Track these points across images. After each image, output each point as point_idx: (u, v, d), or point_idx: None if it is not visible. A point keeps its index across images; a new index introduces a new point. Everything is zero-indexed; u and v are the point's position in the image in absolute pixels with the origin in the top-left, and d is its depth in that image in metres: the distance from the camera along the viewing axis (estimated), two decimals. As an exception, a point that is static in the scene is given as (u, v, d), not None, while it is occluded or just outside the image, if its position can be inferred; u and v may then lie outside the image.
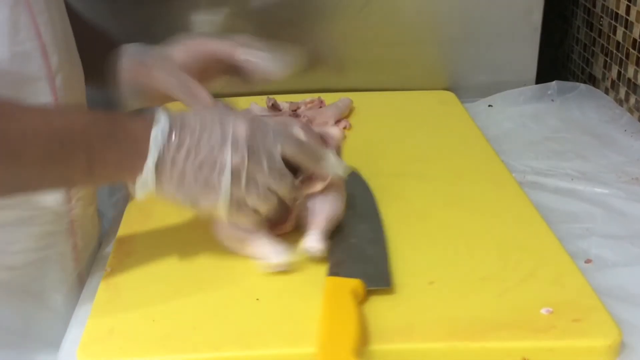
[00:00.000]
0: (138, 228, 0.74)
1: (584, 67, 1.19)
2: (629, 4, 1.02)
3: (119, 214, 0.79)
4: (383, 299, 0.61)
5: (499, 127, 1.02)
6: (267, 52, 0.76)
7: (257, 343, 0.57)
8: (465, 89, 1.11)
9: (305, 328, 0.58)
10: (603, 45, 1.11)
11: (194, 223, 0.73)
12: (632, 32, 1.02)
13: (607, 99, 1.07)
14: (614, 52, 1.08)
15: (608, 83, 1.10)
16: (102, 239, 0.77)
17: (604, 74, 1.11)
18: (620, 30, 1.05)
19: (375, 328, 0.58)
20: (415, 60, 1.11)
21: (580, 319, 0.58)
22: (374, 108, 1.04)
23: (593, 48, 1.15)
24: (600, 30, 1.12)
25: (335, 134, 0.77)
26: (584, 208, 0.80)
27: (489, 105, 1.09)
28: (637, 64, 1.01)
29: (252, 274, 0.66)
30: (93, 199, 0.75)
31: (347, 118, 1.00)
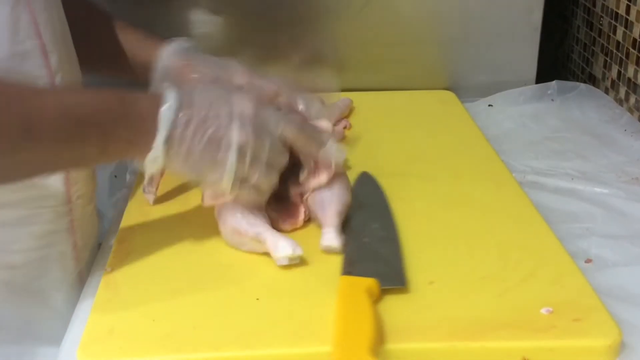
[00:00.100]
0: (138, 228, 0.74)
1: (584, 66, 1.19)
2: (629, 4, 1.02)
3: (119, 214, 0.79)
4: (383, 299, 0.61)
5: (499, 127, 1.02)
6: (319, 104, 0.78)
7: (257, 343, 0.57)
8: (466, 89, 1.11)
9: (306, 328, 0.58)
10: (603, 45, 1.11)
11: (194, 223, 0.73)
12: (632, 31, 1.02)
13: (607, 99, 1.07)
14: (614, 51, 1.08)
15: (608, 83, 1.10)
16: (102, 239, 0.77)
17: (604, 74, 1.11)
18: (621, 30, 1.05)
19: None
20: (415, 60, 1.11)
21: (581, 319, 0.58)
22: (374, 108, 1.04)
23: (593, 48, 1.15)
24: (601, 30, 1.12)
25: (325, 127, 0.77)
26: (584, 208, 0.80)
27: (489, 105, 1.09)
28: (637, 64, 1.01)
29: (252, 274, 0.66)
30: (92, 198, 0.75)
31: (347, 118, 1.00)
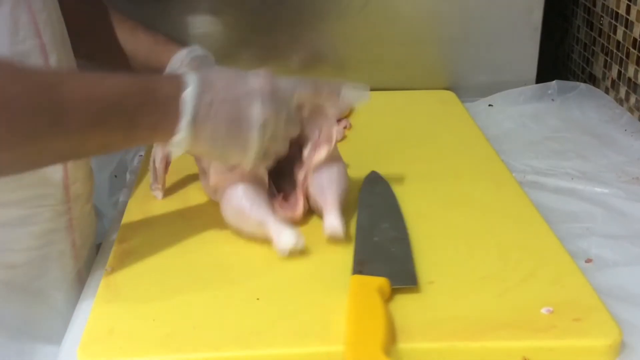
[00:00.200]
0: (138, 228, 0.74)
1: (584, 66, 1.19)
2: (629, 4, 1.02)
3: (119, 214, 0.79)
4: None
5: (499, 126, 1.02)
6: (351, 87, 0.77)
7: (257, 343, 0.57)
8: (466, 89, 1.11)
9: (306, 328, 0.58)
10: (603, 45, 1.11)
11: (194, 223, 0.73)
12: (632, 31, 1.02)
13: (607, 99, 1.07)
14: (614, 51, 1.07)
15: (608, 82, 1.10)
16: (102, 239, 0.77)
17: (604, 74, 1.11)
18: (621, 30, 1.05)
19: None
20: (416, 60, 1.11)
21: (581, 319, 0.58)
22: (375, 108, 1.03)
23: (593, 47, 1.15)
24: (601, 30, 1.12)
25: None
26: (584, 208, 0.80)
27: (489, 105, 1.09)
28: (637, 64, 1.01)
29: (252, 274, 0.66)
30: (90, 197, 0.75)
31: (347, 118, 1.00)
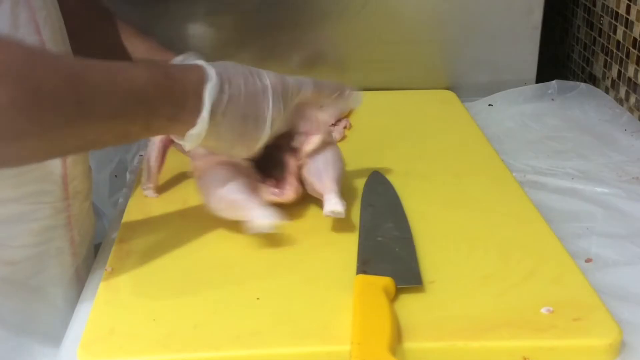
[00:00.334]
0: (138, 228, 0.74)
1: (584, 66, 1.19)
2: (629, 3, 1.02)
3: (119, 214, 0.79)
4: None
5: (499, 126, 1.02)
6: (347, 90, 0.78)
7: (257, 343, 0.57)
8: (466, 89, 1.11)
9: (306, 328, 0.58)
10: (603, 45, 1.11)
11: (194, 223, 0.73)
12: (632, 31, 1.02)
13: (607, 98, 1.07)
14: (614, 51, 1.07)
15: (608, 82, 1.10)
16: (101, 238, 0.77)
17: (604, 73, 1.11)
18: (621, 30, 1.05)
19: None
20: (416, 60, 1.11)
21: (581, 318, 0.58)
22: (375, 107, 1.04)
23: (593, 47, 1.15)
24: (601, 30, 1.12)
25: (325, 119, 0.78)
26: (585, 207, 0.80)
27: (489, 105, 1.09)
28: (637, 63, 1.01)
29: (252, 274, 0.66)
30: (89, 194, 0.75)
31: (347, 117, 1.00)
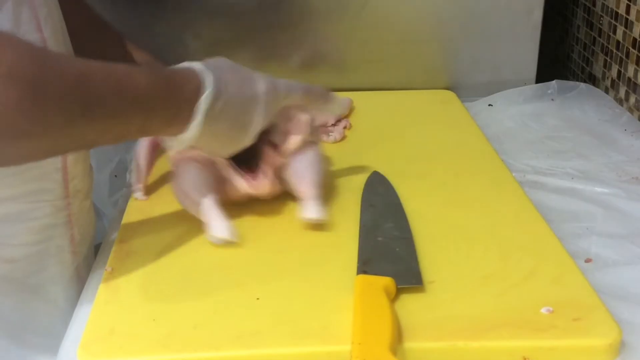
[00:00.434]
0: (138, 228, 0.74)
1: (584, 66, 1.19)
2: (629, 3, 1.02)
3: (119, 214, 0.79)
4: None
5: (499, 126, 1.02)
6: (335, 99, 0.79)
7: (257, 343, 0.57)
8: (466, 88, 1.11)
9: (306, 328, 0.58)
10: (603, 45, 1.11)
11: (194, 223, 0.73)
12: (632, 31, 1.02)
13: (607, 98, 1.07)
14: (614, 51, 1.07)
15: (608, 82, 1.10)
16: (101, 238, 0.77)
17: (604, 73, 1.11)
18: (621, 30, 1.05)
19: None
20: (416, 60, 1.11)
21: (581, 318, 0.58)
22: (375, 107, 1.04)
23: (593, 47, 1.15)
24: (601, 30, 1.12)
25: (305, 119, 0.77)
26: (584, 207, 0.80)
27: (489, 105, 1.09)
28: (637, 63, 1.01)
29: (252, 274, 0.66)
30: (89, 193, 0.75)
31: (347, 118, 1.00)
